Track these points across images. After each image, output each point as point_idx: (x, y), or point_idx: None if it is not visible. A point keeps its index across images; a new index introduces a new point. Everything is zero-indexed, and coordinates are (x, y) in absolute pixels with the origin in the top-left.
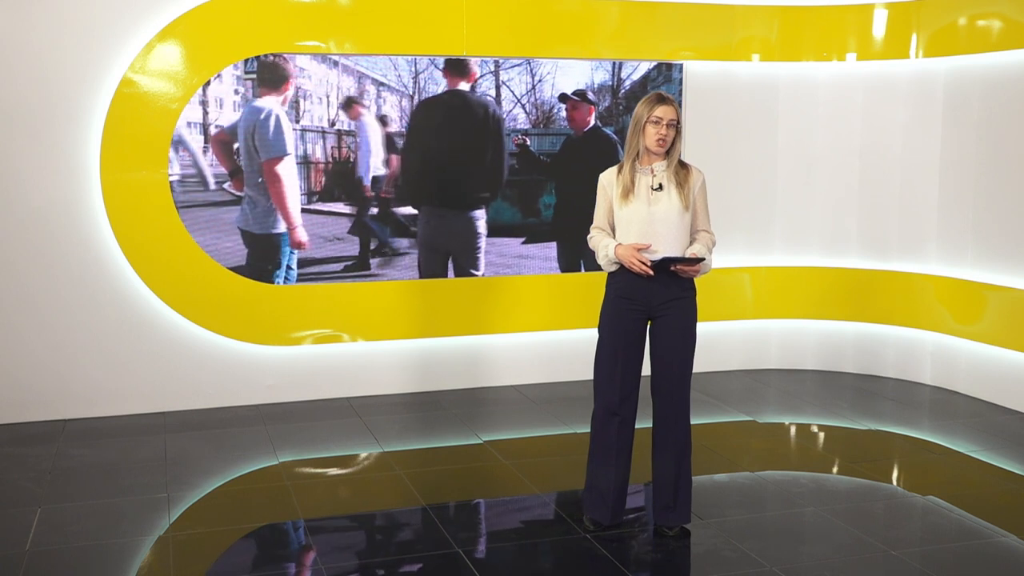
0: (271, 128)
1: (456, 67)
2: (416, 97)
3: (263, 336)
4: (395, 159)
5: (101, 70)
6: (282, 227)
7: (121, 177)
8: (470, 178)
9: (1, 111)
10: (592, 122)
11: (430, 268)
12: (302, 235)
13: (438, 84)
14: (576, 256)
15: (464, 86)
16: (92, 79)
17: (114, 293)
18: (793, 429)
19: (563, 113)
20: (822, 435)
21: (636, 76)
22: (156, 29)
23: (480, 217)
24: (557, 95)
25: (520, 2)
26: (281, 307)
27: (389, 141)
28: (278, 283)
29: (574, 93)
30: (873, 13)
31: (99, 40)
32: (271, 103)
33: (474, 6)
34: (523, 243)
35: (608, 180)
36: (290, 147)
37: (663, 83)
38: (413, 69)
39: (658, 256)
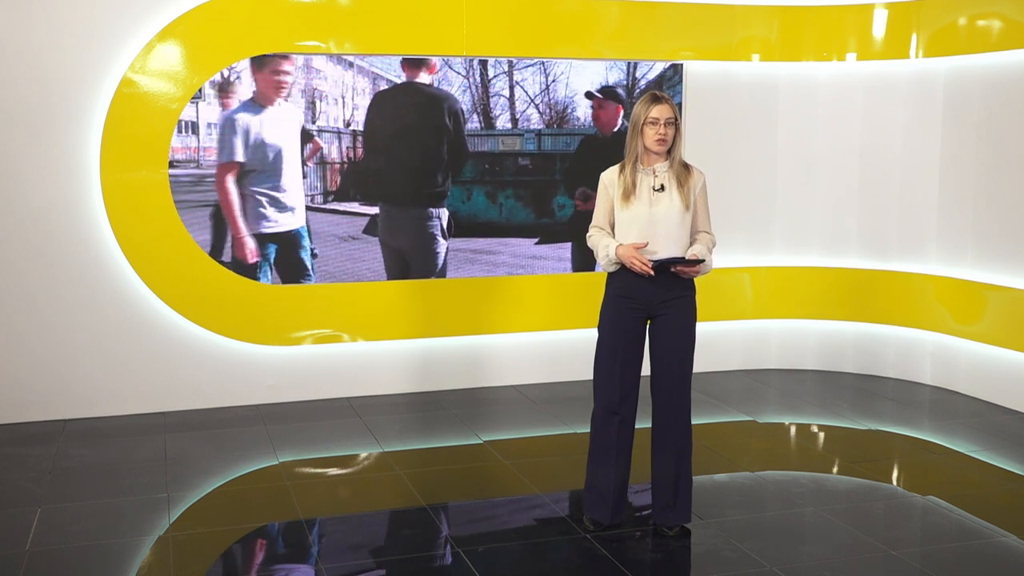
0: (225, 131)
1: (414, 60)
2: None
3: (263, 336)
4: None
5: (101, 70)
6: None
7: (121, 177)
8: (419, 175)
9: (1, 111)
10: (620, 123)
11: (390, 268)
12: (249, 244)
13: (451, 84)
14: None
15: (425, 78)
16: (92, 79)
17: (114, 293)
18: (793, 429)
19: (578, 112)
20: (822, 435)
21: (652, 75)
22: (156, 29)
23: (432, 216)
24: (584, 92)
25: (520, 2)
26: (281, 307)
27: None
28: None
29: (601, 91)
30: (873, 13)
31: (99, 40)
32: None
33: (474, 6)
34: (536, 243)
35: (610, 179)
36: (240, 155)
37: (679, 82)
38: None
39: (658, 257)
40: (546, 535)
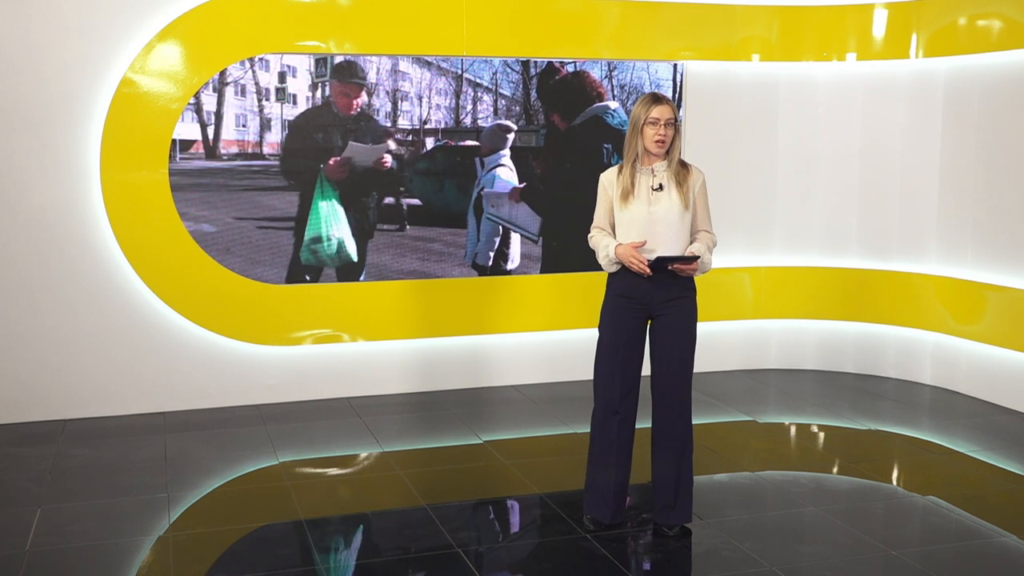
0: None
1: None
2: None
3: (263, 336)
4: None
5: (101, 70)
6: None
7: (121, 177)
8: None
9: (1, 111)
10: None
11: None
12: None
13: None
14: None
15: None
16: (92, 79)
17: (114, 293)
18: (793, 429)
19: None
20: (822, 435)
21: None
22: (156, 29)
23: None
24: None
25: (520, 2)
26: (281, 307)
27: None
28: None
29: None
30: (873, 13)
31: (99, 40)
32: None
33: (474, 6)
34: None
35: (608, 180)
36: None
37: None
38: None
39: (654, 255)
40: (546, 535)
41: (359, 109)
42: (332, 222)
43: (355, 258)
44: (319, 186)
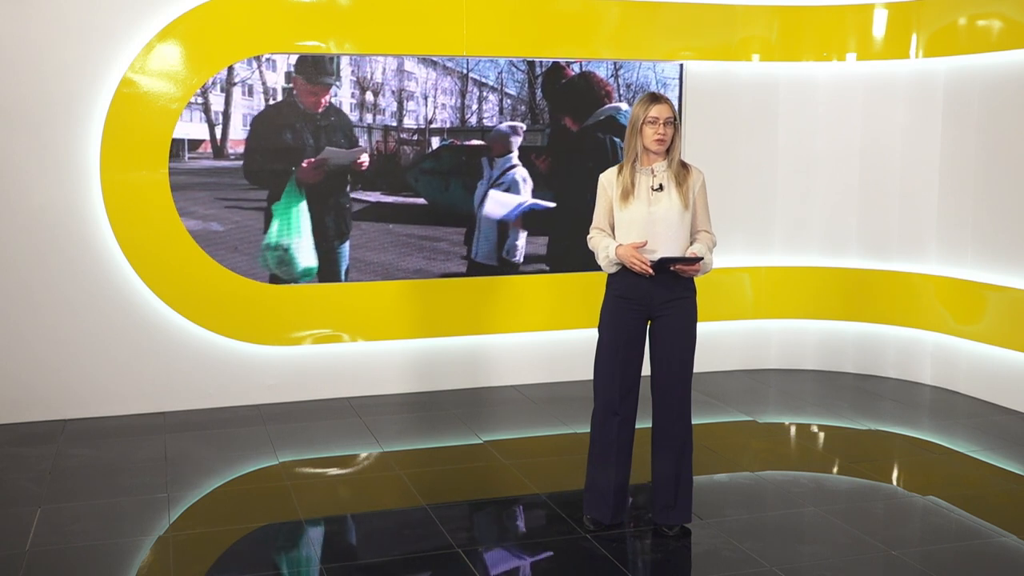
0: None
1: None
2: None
3: (263, 336)
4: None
5: (101, 70)
6: None
7: (121, 177)
8: None
9: (1, 111)
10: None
11: None
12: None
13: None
14: None
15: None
16: (92, 79)
17: (114, 293)
18: (793, 429)
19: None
20: (822, 435)
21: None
22: (156, 29)
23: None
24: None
25: (520, 2)
26: (281, 307)
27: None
28: None
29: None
30: (873, 13)
31: (99, 40)
32: None
33: (474, 6)
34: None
35: (608, 180)
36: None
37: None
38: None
39: (656, 256)
40: (546, 535)
41: (327, 105)
42: (287, 231)
43: (313, 268)
44: (288, 190)
